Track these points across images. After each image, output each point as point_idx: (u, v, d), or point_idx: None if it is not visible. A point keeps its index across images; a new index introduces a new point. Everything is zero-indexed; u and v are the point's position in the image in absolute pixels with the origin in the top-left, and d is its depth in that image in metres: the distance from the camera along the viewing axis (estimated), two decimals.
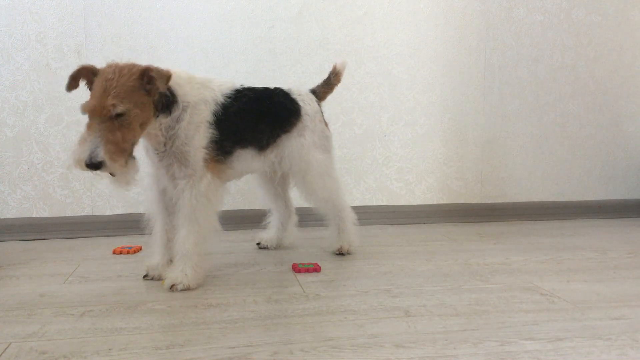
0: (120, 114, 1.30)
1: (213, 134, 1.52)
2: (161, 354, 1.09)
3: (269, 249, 2.00)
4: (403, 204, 2.55)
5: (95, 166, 1.27)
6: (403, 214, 2.54)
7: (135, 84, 1.34)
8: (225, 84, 1.61)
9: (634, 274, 1.71)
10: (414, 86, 2.50)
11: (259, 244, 2.02)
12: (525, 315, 1.32)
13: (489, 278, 1.64)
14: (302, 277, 1.64)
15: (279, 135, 1.72)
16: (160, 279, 1.58)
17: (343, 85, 1.96)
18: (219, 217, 1.57)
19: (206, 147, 1.52)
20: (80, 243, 2.11)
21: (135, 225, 2.20)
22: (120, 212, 2.27)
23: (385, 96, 2.48)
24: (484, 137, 2.60)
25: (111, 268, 1.74)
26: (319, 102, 1.86)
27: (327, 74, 1.92)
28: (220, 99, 1.56)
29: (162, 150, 1.51)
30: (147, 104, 1.38)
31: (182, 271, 1.50)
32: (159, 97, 1.42)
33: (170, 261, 1.58)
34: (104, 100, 1.30)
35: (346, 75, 1.95)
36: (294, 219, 2.01)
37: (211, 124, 1.52)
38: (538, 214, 2.69)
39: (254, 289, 1.52)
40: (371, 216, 2.49)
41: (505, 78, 2.59)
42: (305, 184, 1.78)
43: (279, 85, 1.81)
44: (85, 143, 1.28)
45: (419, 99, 2.51)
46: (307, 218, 2.20)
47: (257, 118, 1.64)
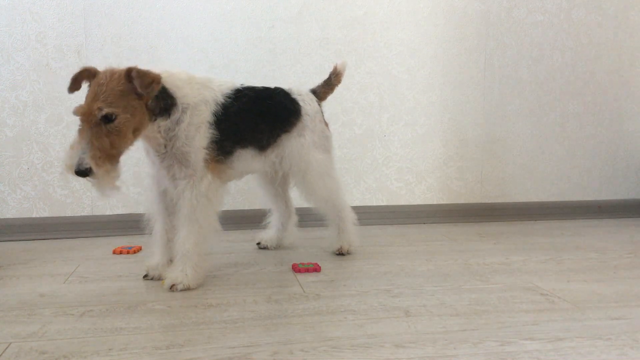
0: (107, 117, 1.29)
1: (213, 134, 1.52)
2: (161, 354, 1.09)
3: (269, 249, 2.00)
4: (403, 204, 2.55)
5: (84, 173, 1.28)
6: (403, 214, 2.54)
7: (124, 87, 1.33)
8: (225, 83, 1.61)
9: (634, 274, 1.71)
10: (414, 86, 2.50)
11: (259, 244, 2.02)
12: (525, 315, 1.32)
13: (489, 278, 1.64)
14: (302, 277, 1.64)
15: (279, 135, 1.72)
16: (160, 279, 1.58)
17: (343, 85, 1.97)
18: (219, 217, 1.57)
19: (207, 148, 1.51)
20: (80, 243, 2.11)
21: (135, 225, 2.20)
22: (120, 212, 2.27)
23: (385, 96, 2.48)
24: (484, 137, 2.60)
25: (111, 268, 1.74)
26: (319, 102, 1.86)
27: (327, 74, 1.93)
28: (221, 99, 1.55)
29: (162, 151, 1.51)
30: (139, 108, 1.37)
31: (182, 271, 1.50)
32: (155, 101, 1.41)
33: (171, 261, 1.58)
34: (92, 104, 1.30)
35: (346, 75, 1.95)
36: (294, 219, 2.01)
37: (211, 124, 1.52)
38: (538, 214, 2.69)
39: (254, 289, 1.52)
40: (371, 216, 2.49)
41: (505, 78, 2.59)
42: (305, 183, 1.78)
43: (279, 85, 1.81)
44: (74, 149, 1.28)
45: (419, 99, 2.51)
46: (307, 218, 2.20)
47: (257, 118, 1.64)
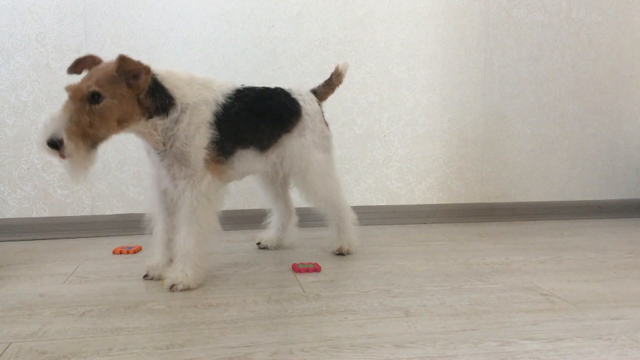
0: (94, 96, 1.30)
1: (214, 134, 1.52)
2: (161, 354, 1.09)
3: (269, 249, 2.00)
4: (403, 204, 2.55)
5: (54, 144, 1.24)
6: (403, 214, 2.54)
7: (116, 73, 1.35)
8: (226, 84, 1.61)
9: (634, 274, 1.71)
10: (414, 86, 2.50)
11: (259, 244, 2.02)
12: (525, 315, 1.32)
13: (489, 278, 1.64)
14: (302, 277, 1.64)
15: (279, 135, 1.72)
16: (160, 279, 1.58)
17: (343, 85, 1.97)
18: (219, 217, 1.57)
19: (207, 148, 1.51)
20: (80, 243, 2.11)
21: (135, 225, 2.20)
22: (120, 212, 2.27)
23: (385, 96, 2.48)
24: (484, 137, 2.60)
25: (111, 268, 1.74)
26: (319, 102, 1.86)
27: (327, 74, 1.93)
28: (221, 99, 1.56)
29: (161, 149, 1.51)
30: (128, 98, 1.36)
31: (182, 271, 1.50)
32: (151, 99, 1.41)
33: (171, 261, 1.58)
34: (83, 83, 1.31)
35: (346, 75, 1.95)
36: (294, 219, 2.01)
37: (212, 124, 1.52)
38: (538, 214, 2.69)
39: (254, 289, 1.52)
40: (371, 216, 2.49)
41: (505, 78, 2.59)
42: (306, 183, 1.78)
43: (279, 85, 1.81)
44: (53, 121, 1.27)
45: (419, 99, 2.51)
46: (307, 218, 2.20)
47: (258, 118, 1.64)
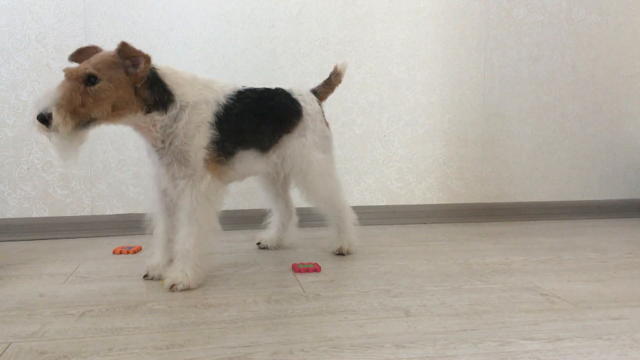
0: (90, 78, 1.30)
1: (214, 134, 1.52)
2: (161, 354, 1.09)
3: (269, 249, 2.00)
4: (403, 204, 2.55)
5: (44, 118, 1.24)
6: (403, 214, 2.54)
7: (115, 60, 1.36)
8: (227, 85, 1.61)
9: (634, 274, 1.71)
10: (414, 86, 2.50)
11: (259, 244, 2.02)
12: (525, 315, 1.32)
13: (489, 278, 1.64)
14: (302, 277, 1.64)
15: (280, 136, 1.72)
16: (160, 279, 1.58)
17: (343, 85, 1.97)
18: (219, 217, 1.57)
19: (207, 148, 1.51)
20: (80, 243, 2.11)
21: (135, 225, 2.20)
22: (120, 212, 2.27)
23: (385, 96, 2.48)
24: (484, 137, 2.60)
25: (111, 268, 1.74)
26: (319, 102, 1.86)
27: (327, 74, 1.93)
28: (222, 99, 1.56)
29: (160, 146, 1.51)
30: (124, 84, 1.37)
31: (182, 271, 1.50)
32: (149, 91, 1.42)
33: (171, 261, 1.58)
34: (82, 66, 1.33)
35: (346, 75, 1.96)
36: (295, 219, 2.01)
37: (212, 124, 1.52)
38: (538, 214, 2.69)
39: (254, 289, 1.52)
40: (371, 216, 2.49)
41: (505, 78, 2.59)
42: (306, 183, 1.78)
43: (279, 85, 1.81)
44: (46, 97, 1.27)
45: (419, 99, 2.51)
46: (307, 218, 2.20)
47: (259, 119, 1.64)
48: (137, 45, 2.19)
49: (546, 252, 1.98)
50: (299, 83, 2.31)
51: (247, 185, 2.32)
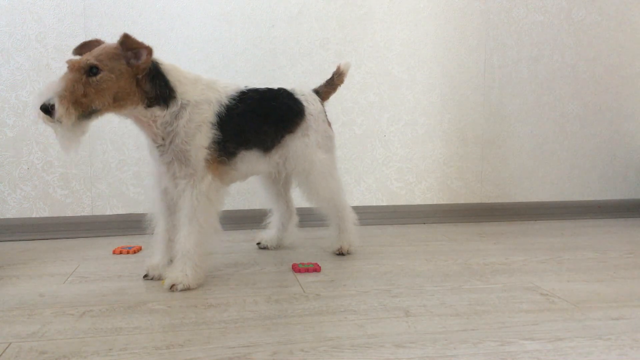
0: (92, 69, 1.31)
1: (215, 134, 1.52)
2: (161, 354, 1.09)
3: (269, 249, 2.00)
4: (403, 204, 2.55)
5: (46, 109, 1.26)
6: (403, 214, 2.54)
7: (117, 51, 1.37)
8: (230, 85, 1.62)
9: (634, 274, 1.71)
10: (414, 86, 2.50)
11: (259, 244, 2.02)
12: (525, 315, 1.32)
13: (489, 278, 1.64)
14: (302, 277, 1.64)
15: (283, 136, 1.72)
16: (160, 279, 1.58)
17: (343, 85, 1.96)
18: (219, 217, 1.57)
19: (208, 148, 1.52)
20: (80, 243, 2.11)
21: (135, 225, 2.21)
22: (120, 212, 2.27)
23: (385, 96, 2.48)
24: (484, 137, 2.60)
25: (111, 268, 1.74)
26: (322, 102, 1.86)
27: (327, 74, 1.93)
28: (225, 100, 1.56)
29: (160, 143, 1.51)
30: (126, 75, 1.38)
31: (182, 271, 1.50)
32: (151, 85, 1.42)
33: (171, 261, 1.58)
34: (84, 57, 1.34)
35: (347, 76, 1.96)
36: (295, 219, 2.01)
37: (214, 124, 1.52)
38: (538, 214, 2.69)
39: (254, 289, 1.52)
40: (371, 216, 2.49)
41: (505, 78, 2.59)
42: (309, 184, 1.78)
43: (279, 85, 1.81)
44: (49, 88, 1.28)
45: (419, 99, 2.51)
46: (307, 218, 2.20)
47: (261, 119, 1.64)
48: None
49: (546, 252, 1.98)
50: (299, 83, 2.31)
51: (247, 185, 2.32)
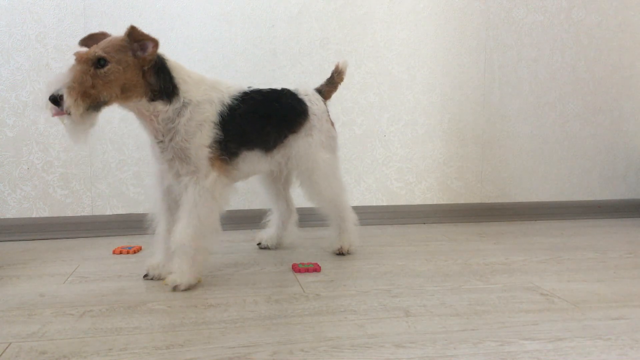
0: (99, 61, 1.33)
1: (217, 134, 1.52)
2: (161, 354, 1.09)
3: (269, 248, 2.00)
4: (403, 204, 2.55)
5: (55, 99, 1.27)
6: (403, 214, 2.54)
7: (123, 43, 1.38)
8: (233, 86, 1.62)
9: (634, 274, 1.71)
10: (414, 86, 2.50)
11: (259, 244, 2.02)
12: (525, 315, 1.32)
13: (489, 278, 1.64)
14: (302, 277, 1.64)
15: (286, 136, 1.72)
16: (160, 278, 1.58)
17: (343, 85, 1.97)
18: (220, 217, 1.57)
19: (210, 147, 1.52)
20: (80, 243, 2.11)
21: (135, 225, 2.21)
22: (120, 212, 2.27)
23: (385, 96, 2.48)
24: (484, 137, 2.60)
25: (111, 268, 1.74)
26: (324, 102, 1.87)
27: (327, 74, 1.93)
28: (227, 100, 1.57)
29: (160, 139, 1.51)
30: (132, 66, 1.39)
31: (179, 269, 1.49)
32: (156, 77, 1.43)
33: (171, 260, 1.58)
34: (91, 49, 1.35)
35: (346, 75, 1.96)
36: (295, 218, 2.01)
37: (216, 124, 1.53)
38: (538, 214, 2.69)
39: (254, 289, 1.52)
40: (371, 216, 2.49)
41: (505, 78, 2.59)
42: (312, 183, 1.78)
43: (279, 85, 1.81)
44: (57, 79, 1.29)
45: (419, 99, 2.51)
46: (308, 218, 2.20)
47: (264, 120, 1.65)
48: None
49: (546, 252, 1.98)
50: (299, 83, 2.31)
51: (247, 185, 2.32)
